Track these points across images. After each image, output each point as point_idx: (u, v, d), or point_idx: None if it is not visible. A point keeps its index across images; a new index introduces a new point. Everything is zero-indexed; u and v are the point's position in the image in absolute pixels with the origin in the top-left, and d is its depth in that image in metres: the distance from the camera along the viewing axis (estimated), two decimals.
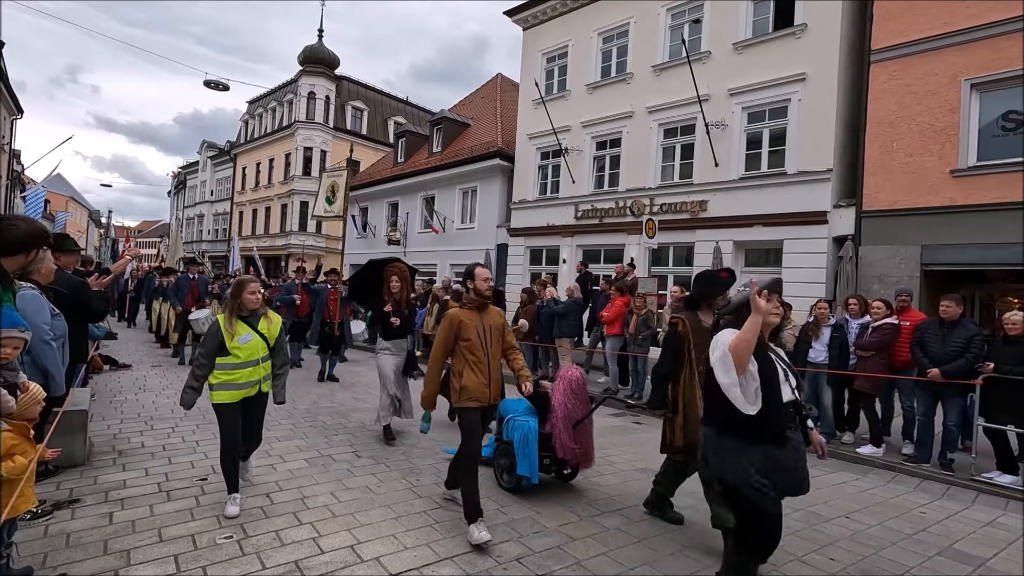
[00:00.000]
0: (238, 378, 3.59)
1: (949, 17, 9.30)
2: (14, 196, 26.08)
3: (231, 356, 3.55)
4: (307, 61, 29.34)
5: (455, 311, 3.73)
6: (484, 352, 3.63)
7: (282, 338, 3.87)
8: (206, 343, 3.56)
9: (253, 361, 3.64)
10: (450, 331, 3.64)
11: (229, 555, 3.06)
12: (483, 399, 3.61)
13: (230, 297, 3.60)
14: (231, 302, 3.61)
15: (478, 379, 3.59)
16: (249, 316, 3.67)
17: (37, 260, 3.19)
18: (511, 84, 21.12)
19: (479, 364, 3.60)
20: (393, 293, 5.68)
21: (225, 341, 3.53)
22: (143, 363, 9.69)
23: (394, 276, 5.74)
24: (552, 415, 4.19)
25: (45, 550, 3.01)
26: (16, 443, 2.42)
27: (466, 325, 3.62)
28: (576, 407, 4.21)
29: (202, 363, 3.53)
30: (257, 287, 3.66)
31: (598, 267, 14.02)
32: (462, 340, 3.61)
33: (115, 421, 5.73)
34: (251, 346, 3.62)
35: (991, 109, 9.04)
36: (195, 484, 4.10)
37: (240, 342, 3.57)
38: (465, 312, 3.69)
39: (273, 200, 31.07)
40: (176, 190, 47.33)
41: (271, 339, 3.75)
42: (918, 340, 5.63)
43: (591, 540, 3.52)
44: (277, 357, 3.84)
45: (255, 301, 3.64)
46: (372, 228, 22.64)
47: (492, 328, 3.71)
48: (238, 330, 3.59)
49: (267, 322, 3.75)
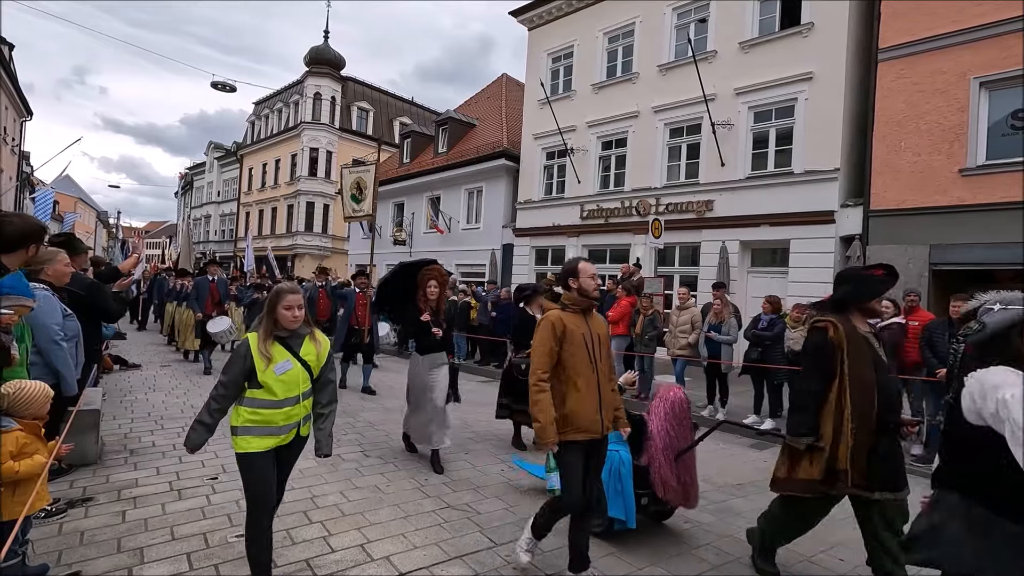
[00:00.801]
0: (272, 419, 2.62)
1: (957, 15, 9.23)
2: (23, 197, 26.31)
3: (263, 390, 2.59)
4: (313, 62, 29.47)
5: (556, 313, 2.95)
6: (593, 367, 2.89)
7: (330, 367, 2.86)
8: (231, 368, 2.60)
9: (292, 398, 2.64)
10: (552, 337, 2.86)
11: (240, 553, 3.08)
12: (594, 429, 2.87)
13: (265, 312, 2.68)
14: (266, 318, 2.67)
15: (587, 402, 2.84)
16: (289, 337, 2.68)
17: (39, 258, 3.23)
18: (516, 84, 21.14)
19: (587, 383, 2.86)
20: (430, 300, 4.93)
21: (256, 369, 2.58)
22: (152, 363, 9.77)
23: (431, 281, 4.95)
24: (650, 444, 3.51)
25: (60, 548, 3.05)
26: (28, 442, 2.45)
27: (572, 332, 2.87)
28: (679, 435, 3.54)
29: (222, 394, 2.59)
30: (298, 300, 2.67)
31: (604, 267, 14.00)
32: (565, 351, 2.87)
33: (126, 420, 5.79)
34: (291, 377, 2.64)
35: (1000, 107, 8.98)
36: (206, 483, 4.13)
37: (277, 371, 2.60)
38: (568, 316, 2.93)
39: (279, 201, 31.22)
40: (183, 191, 47.65)
41: (316, 368, 2.75)
42: (927, 340, 5.61)
43: (599, 540, 3.53)
44: (323, 392, 2.81)
45: (294, 320, 2.64)
46: (378, 229, 22.70)
47: (601, 338, 3.00)
48: (275, 355, 2.62)
49: (313, 345, 2.75)
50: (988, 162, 8.95)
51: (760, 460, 5.79)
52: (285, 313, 2.64)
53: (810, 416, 2.85)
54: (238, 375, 2.61)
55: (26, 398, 2.50)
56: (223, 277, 10.55)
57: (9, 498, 2.33)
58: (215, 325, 8.94)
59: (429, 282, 4.94)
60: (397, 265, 5.38)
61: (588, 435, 2.86)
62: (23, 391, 2.50)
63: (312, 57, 29.52)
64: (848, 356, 2.77)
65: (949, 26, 9.31)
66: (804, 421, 2.86)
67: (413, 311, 4.93)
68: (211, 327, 8.90)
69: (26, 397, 2.50)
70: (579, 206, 15.03)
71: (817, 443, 2.80)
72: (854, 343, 2.80)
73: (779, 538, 3.19)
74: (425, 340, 4.87)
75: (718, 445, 6.27)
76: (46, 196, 19.16)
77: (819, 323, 2.95)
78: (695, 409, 7.57)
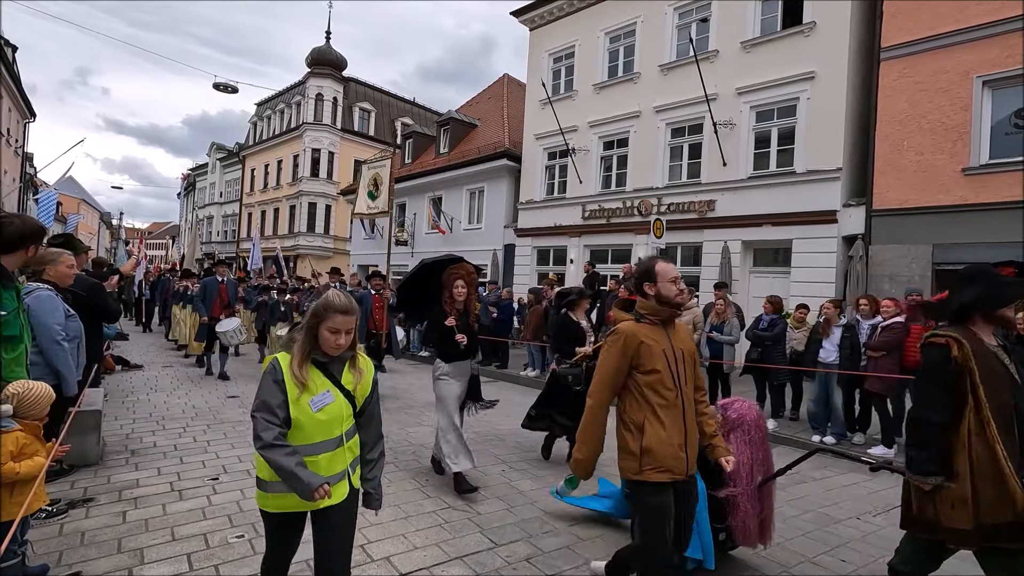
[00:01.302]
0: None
1: (959, 14, 9.21)
2: (27, 199, 26.41)
3: (294, 429, 1.97)
4: (315, 63, 29.53)
5: (630, 326, 2.43)
6: (677, 391, 2.36)
7: (376, 398, 2.22)
8: (265, 391, 1.97)
9: (333, 440, 2.03)
10: (623, 357, 2.36)
11: (241, 554, 3.09)
12: (677, 469, 2.33)
13: (303, 328, 2.05)
14: (304, 337, 2.03)
15: (670, 435, 2.32)
16: (328, 362, 2.07)
17: (41, 259, 3.23)
18: (518, 84, 21.15)
19: (670, 411, 2.34)
20: (457, 302, 4.40)
21: (289, 402, 1.95)
22: (154, 363, 9.78)
23: (459, 281, 4.41)
24: (731, 475, 2.88)
25: (60, 548, 3.05)
26: (28, 442, 2.45)
27: (649, 349, 2.36)
28: (759, 460, 3.02)
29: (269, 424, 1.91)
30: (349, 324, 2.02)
31: (606, 267, 13.99)
32: (642, 372, 2.36)
33: (127, 421, 5.80)
34: (332, 413, 2.02)
35: (1003, 106, 8.95)
36: (207, 483, 4.13)
37: (314, 405, 1.97)
38: (645, 328, 2.41)
39: (282, 201, 31.28)
40: (186, 192, 47.78)
41: (359, 399, 2.13)
42: None
43: (600, 540, 3.52)
44: (367, 430, 2.20)
45: (337, 348, 2.03)
46: (380, 229, 22.72)
47: (685, 355, 2.45)
48: (312, 383, 2.00)
49: (354, 373, 2.11)
50: (991, 161, 8.92)
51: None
52: (329, 337, 2.00)
53: (934, 451, 2.32)
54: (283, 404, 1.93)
55: (32, 398, 2.50)
56: (232, 278, 9.92)
57: (7, 499, 2.33)
58: (223, 325, 8.59)
59: (456, 282, 4.42)
60: (419, 263, 4.84)
61: (671, 475, 2.32)
62: (30, 391, 2.49)
63: (314, 58, 29.58)
64: (980, 379, 2.22)
65: (951, 25, 9.29)
66: (929, 457, 2.32)
67: (438, 314, 4.41)
68: (219, 327, 8.54)
69: (32, 398, 2.50)
70: (581, 206, 15.02)
71: (947, 483, 2.27)
72: (984, 362, 2.24)
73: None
74: (449, 346, 4.40)
75: None
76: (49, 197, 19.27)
77: (937, 338, 2.35)
78: None
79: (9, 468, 2.32)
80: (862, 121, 10.77)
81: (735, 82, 11.99)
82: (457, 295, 4.41)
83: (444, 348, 4.44)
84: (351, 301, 2.06)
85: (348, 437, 2.09)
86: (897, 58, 9.90)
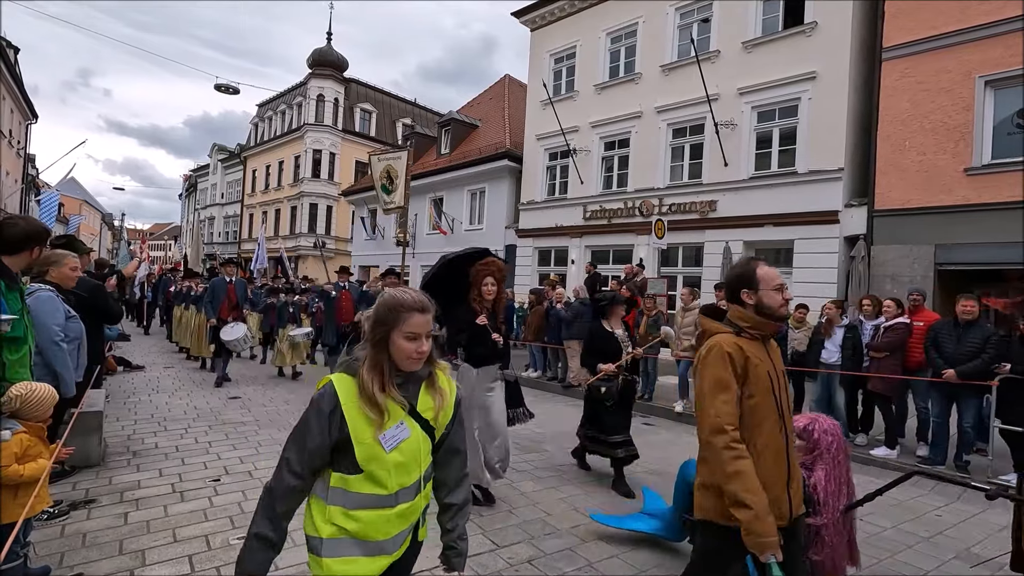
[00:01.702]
0: (378, 527, 1.52)
1: (962, 14, 9.20)
2: (29, 200, 26.45)
3: (363, 477, 1.49)
4: (316, 64, 29.57)
5: (730, 339, 2.00)
6: (780, 420, 1.97)
7: (458, 426, 1.73)
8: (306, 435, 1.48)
9: (411, 487, 1.57)
10: (733, 373, 1.93)
11: None
12: (780, 514, 1.90)
13: (369, 340, 1.55)
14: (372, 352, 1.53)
15: (772, 472, 1.92)
16: (402, 382, 1.56)
17: (45, 260, 3.23)
18: (519, 85, 21.15)
19: (772, 442, 1.94)
20: (486, 300, 4.00)
21: (355, 441, 1.47)
22: (156, 364, 9.79)
23: (488, 278, 3.99)
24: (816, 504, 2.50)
25: (62, 550, 3.05)
26: (31, 444, 2.45)
27: (756, 369, 1.95)
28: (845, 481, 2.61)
29: (292, 487, 1.48)
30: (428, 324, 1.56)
31: (607, 268, 13.99)
32: (744, 397, 1.95)
33: (129, 422, 5.80)
34: (409, 452, 1.54)
35: (1005, 106, 8.93)
36: (208, 485, 4.13)
37: (386, 443, 1.50)
38: (748, 344, 2.00)
39: (283, 202, 31.31)
40: (187, 193, 47.82)
41: (439, 429, 1.65)
42: (932, 340, 5.57)
43: (602, 542, 3.51)
44: (448, 467, 1.72)
45: (419, 357, 1.54)
46: (380, 229, 22.74)
47: (782, 377, 2.07)
48: (390, 415, 1.51)
49: (433, 396, 1.63)
50: (993, 161, 8.91)
51: None
52: (407, 346, 1.50)
53: None
54: (321, 448, 1.47)
55: (36, 400, 2.50)
56: (241, 279, 9.52)
57: (11, 500, 2.33)
58: (230, 332, 8.13)
59: (485, 279, 3.98)
60: (442, 258, 4.26)
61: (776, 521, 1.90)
62: (34, 393, 2.49)
63: (315, 59, 29.62)
64: None
65: (953, 25, 9.27)
66: None
67: (466, 314, 3.97)
68: (225, 334, 8.09)
69: (36, 399, 2.50)
70: (582, 207, 15.02)
71: None
72: None
73: None
74: (480, 349, 4.01)
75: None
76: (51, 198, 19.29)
77: None
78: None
79: (13, 471, 2.32)
80: (864, 121, 10.75)
81: (736, 82, 11.98)
82: (487, 293, 4.00)
83: (475, 351, 4.02)
84: (426, 296, 1.60)
85: (426, 480, 1.63)
86: (899, 58, 9.89)
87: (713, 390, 1.94)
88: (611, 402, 4.45)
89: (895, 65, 9.94)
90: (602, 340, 4.67)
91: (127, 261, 13.48)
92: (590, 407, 4.74)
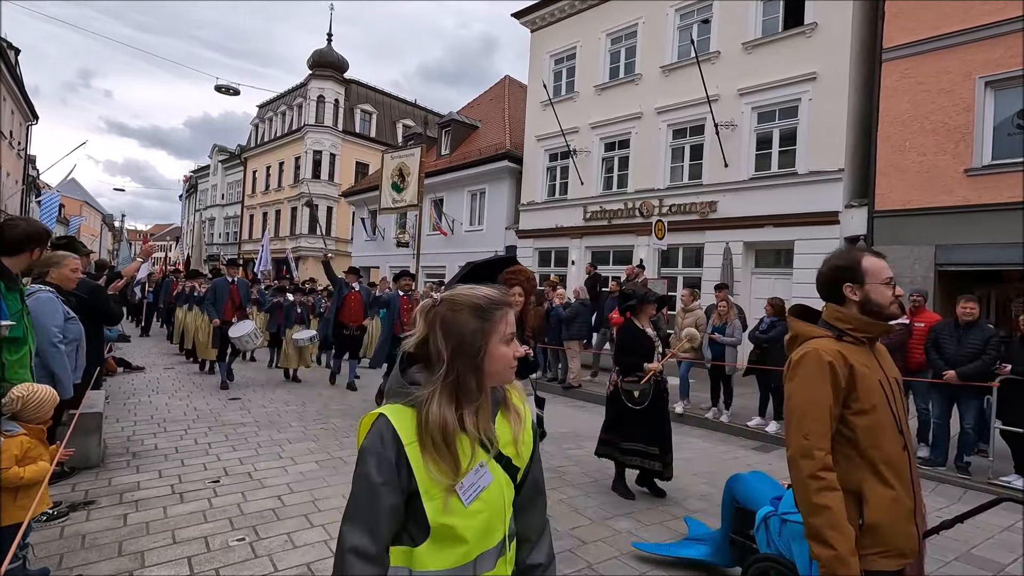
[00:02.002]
0: None
1: (963, 14, 9.19)
2: (29, 201, 26.47)
3: (435, 544, 1.11)
4: (316, 65, 29.58)
5: (829, 344, 1.71)
6: (898, 433, 1.69)
7: (537, 458, 1.32)
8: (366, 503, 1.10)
9: (495, 549, 1.17)
10: (832, 386, 1.65)
11: (242, 557, 3.08)
12: (910, 550, 1.66)
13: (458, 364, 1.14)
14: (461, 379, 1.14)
15: (899, 503, 1.65)
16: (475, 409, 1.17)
17: (46, 261, 3.23)
18: (519, 86, 21.16)
19: (896, 466, 1.66)
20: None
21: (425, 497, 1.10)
22: (156, 365, 9.79)
23: (516, 288, 3.68)
24: None
25: (61, 551, 3.05)
26: (32, 446, 2.45)
27: (864, 379, 1.67)
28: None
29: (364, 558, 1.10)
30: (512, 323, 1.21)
31: (607, 268, 13.97)
32: (855, 412, 1.66)
33: (129, 423, 5.80)
34: (492, 502, 1.16)
35: (1006, 107, 8.92)
36: (208, 486, 4.12)
37: (465, 495, 1.12)
38: (852, 350, 1.71)
39: (283, 203, 31.33)
40: (187, 194, 47.85)
41: (522, 467, 1.25)
42: (933, 341, 5.56)
43: (602, 543, 3.51)
44: (529, 513, 1.29)
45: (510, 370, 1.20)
46: (381, 230, 22.74)
47: (895, 384, 1.79)
48: (469, 457, 1.14)
49: (510, 420, 1.25)
50: (994, 162, 8.90)
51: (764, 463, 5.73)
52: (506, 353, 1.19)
53: None
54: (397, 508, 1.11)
55: (38, 401, 2.50)
56: (244, 279, 9.53)
57: (11, 503, 2.33)
58: (237, 329, 8.10)
59: (513, 288, 3.66)
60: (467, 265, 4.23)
61: (900, 561, 1.64)
62: (35, 395, 2.49)
63: (315, 60, 29.64)
64: None
65: (954, 25, 9.27)
66: None
67: None
68: (233, 332, 8.09)
69: (38, 401, 2.50)
70: (582, 208, 15.02)
71: None
72: None
73: None
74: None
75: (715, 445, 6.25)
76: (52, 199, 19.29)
77: None
78: (699, 411, 7.57)
79: (14, 473, 2.31)
80: (864, 122, 10.75)
81: (736, 83, 11.97)
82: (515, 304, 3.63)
83: None
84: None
85: (511, 539, 1.23)
86: (899, 58, 9.88)
87: (804, 406, 1.66)
88: (643, 405, 4.31)
89: (895, 66, 9.94)
90: (638, 339, 4.48)
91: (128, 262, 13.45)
92: (614, 411, 4.52)
